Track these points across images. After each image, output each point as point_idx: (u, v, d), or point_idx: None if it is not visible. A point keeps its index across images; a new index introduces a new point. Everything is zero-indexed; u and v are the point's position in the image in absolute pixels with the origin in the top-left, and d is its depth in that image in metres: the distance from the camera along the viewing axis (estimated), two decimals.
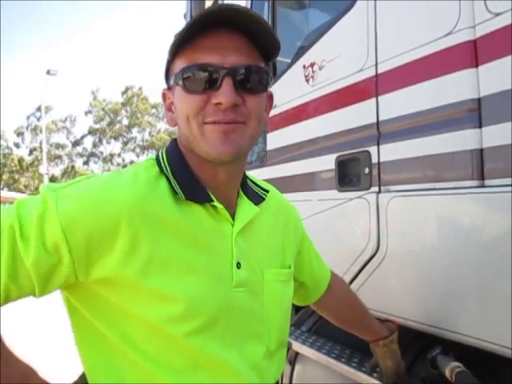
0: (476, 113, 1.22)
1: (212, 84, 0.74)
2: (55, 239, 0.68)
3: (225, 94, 0.73)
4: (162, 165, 0.80)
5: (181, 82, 0.76)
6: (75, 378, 0.87)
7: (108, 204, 0.71)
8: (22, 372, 0.74)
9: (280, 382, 1.94)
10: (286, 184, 2.02)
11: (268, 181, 2.21)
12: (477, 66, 1.22)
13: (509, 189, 1.12)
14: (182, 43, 0.74)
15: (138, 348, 0.74)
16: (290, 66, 2.05)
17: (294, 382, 1.94)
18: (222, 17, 0.72)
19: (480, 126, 1.21)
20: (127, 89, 34.33)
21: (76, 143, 35.73)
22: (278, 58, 2.23)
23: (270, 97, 0.88)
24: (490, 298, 1.17)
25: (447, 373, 1.23)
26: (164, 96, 0.86)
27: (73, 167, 34.93)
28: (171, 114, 0.84)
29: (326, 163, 1.74)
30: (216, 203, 0.80)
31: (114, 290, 0.73)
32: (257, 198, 0.91)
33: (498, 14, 1.17)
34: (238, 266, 0.81)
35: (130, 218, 0.71)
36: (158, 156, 0.83)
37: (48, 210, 0.68)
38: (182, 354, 0.75)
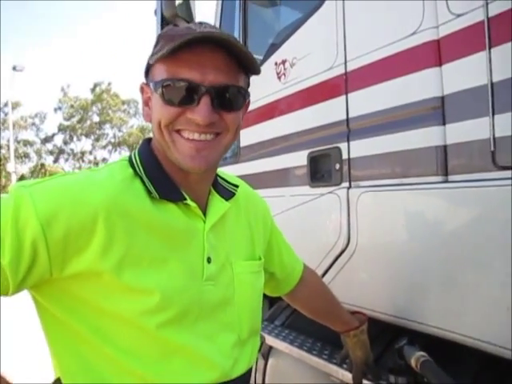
0: (440, 110, 1.26)
1: (190, 100, 0.76)
2: (33, 235, 0.67)
3: (202, 113, 0.76)
4: (136, 167, 0.82)
5: (159, 91, 0.77)
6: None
7: (86, 201, 0.72)
8: None
9: (254, 372, 1.98)
10: (260, 180, 2.04)
11: (242, 177, 2.22)
12: (440, 64, 1.27)
13: (470, 184, 1.17)
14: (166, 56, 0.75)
15: (111, 341, 0.75)
16: (262, 62, 2.06)
17: (267, 375, 1.96)
18: (208, 37, 0.74)
19: (444, 124, 1.26)
20: (95, 85, 33.67)
21: (46, 140, 34.86)
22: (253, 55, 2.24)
23: (247, 104, 0.90)
24: (453, 290, 1.22)
25: (413, 362, 1.27)
26: (142, 90, 0.87)
27: (42, 165, 34.05)
28: (148, 110, 0.85)
29: (299, 159, 1.77)
30: (189, 202, 0.82)
31: (88, 285, 0.73)
32: (227, 194, 0.93)
33: (459, 15, 1.22)
34: (209, 260, 0.84)
35: (107, 216, 0.72)
36: (130, 158, 0.84)
37: (23, 207, 0.68)
38: (154, 344, 0.76)
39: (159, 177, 0.82)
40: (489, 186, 1.13)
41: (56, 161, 35.27)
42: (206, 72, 0.76)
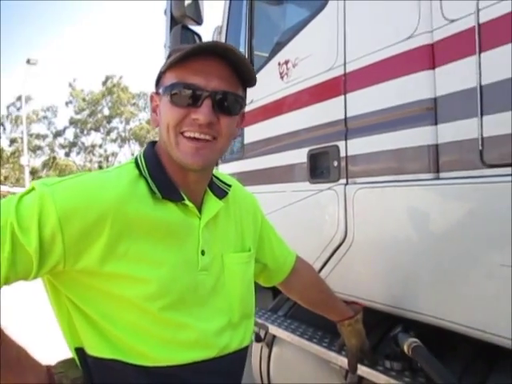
0: (432, 111, 1.32)
1: (194, 102, 0.86)
2: (52, 230, 0.77)
3: (203, 112, 0.86)
4: (141, 168, 0.92)
5: (168, 95, 0.88)
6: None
7: (98, 202, 0.81)
8: (17, 354, 0.83)
9: (259, 359, 2.07)
10: (263, 176, 2.11)
11: (246, 173, 2.31)
12: (434, 67, 1.33)
13: (460, 181, 1.24)
14: (176, 62, 0.86)
15: (118, 324, 0.85)
16: (266, 62, 2.13)
17: (271, 362, 2.06)
18: (212, 47, 0.86)
19: (436, 123, 1.32)
20: (107, 78, 33.86)
21: (58, 134, 35.21)
22: (257, 53, 2.31)
23: (243, 115, 1.02)
24: (444, 280, 1.29)
25: (405, 348, 1.34)
26: (151, 98, 0.98)
27: (54, 158, 34.43)
28: (155, 116, 0.96)
29: (299, 156, 1.84)
30: (187, 202, 0.92)
31: (95, 276, 0.84)
32: (221, 193, 1.03)
33: (452, 21, 1.27)
34: (203, 253, 0.94)
35: (115, 216, 0.82)
36: (136, 160, 0.94)
37: (45, 204, 0.78)
38: (157, 324, 0.86)
39: (162, 178, 0.91)
40: (477, 182, 1.19)
41: (68, 154, 35.65)
42: (209, 79, 0.87)
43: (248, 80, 0.93)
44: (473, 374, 1.35)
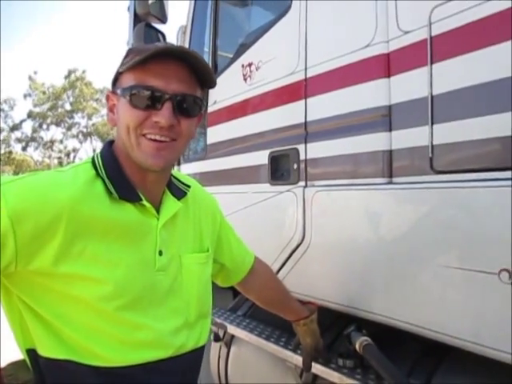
0: (387, 118, 1.38)
1: (154, 104, 0.87)
2: (4, 230, 0.75)
3: (164, 115, 0.86)
4: (98, 168, 0.91)
5: (128, 97, 0.87)
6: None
7: (52, 202, 0.80)
8: None
9: (217, 358, 2.08)
10: (225, 176, 2.13)
11: (209, 173, 2.31)
12: (389, 76, 1.38)
13: (410, 186, 1.30)
14: (136, 64, 0.85)
15: (72, 325, 0.84)
16: (230, 63, 2.14)
17: (230, 361, 2.07)
18: (171, 50, 0.86)
19: (390, 130, 1.37)
20: (70, 72, 32.88)
21: (14, 127, 33.85)
22: (221, 53, 2.33)
23: (200, 116, 1.01)
24: (395, 281, 1.34)
25: (357, 346, 1.39)
26: (108, 97, 0.97)
27: (10, 153, 33.11)
28: (112, 115, 0.96)
29: (260, 158, 1.86)
30: (144, 202, 0.92)
31: (50, 277, 0.82)
32: (179, 193, 1.04)
33: (406, 32, 1.33)
34: (160, 253, 0.94)
35: (69, 216, 0.81)
36: (93, 159, 0.93)
37: None
38: (112, 324, 0.86)
39: (119, 178, 0.91)
40: (427, 188, 1.25)
41: (25, 149, 34.35)
42: (169, 82, 0.87)
43: (207, 82, 0.95)
44: (420, 371, 1.41)
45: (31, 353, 0.88)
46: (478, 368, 1.23)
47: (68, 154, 35.11)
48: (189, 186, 1.08)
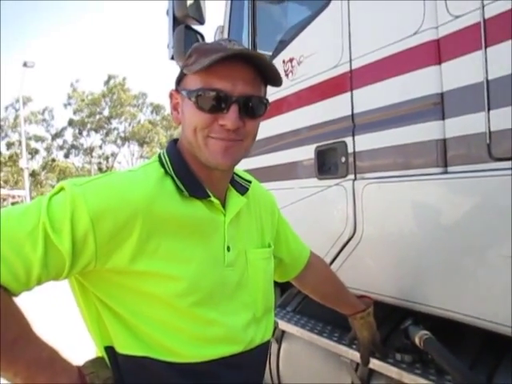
0: (439, 106, 1.34)
1: (221, 107, 0.88)
2: (85, 230, 0.78)
3: (230, 118, 0.87)
4: (166, 167, 0.93)
5: (194, 99, 0.88)
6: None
7: (128, 201, 0.83)
8: (49, 355, 0.83)
9: (269, 355, 2.09)
10: (270, 173, 2.13)
11: (253, 170, 2.32)
12: (440, 63, 1.35)
13: (468, 174, 1.26)
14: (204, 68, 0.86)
15: (147, 321, 0.86)
16: (270, 60, 2.14)
17: (281, 357, 2.08)
18: (240, 53, 0.86)
19: (443, 118, 1.34)
20: (110, 78, 33.80)
21: (56, 135, 35.18)
22: (260, 51, 2.33)
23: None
24: (453, 273, 1.31)
25: (417, 340, 1.37)
26: (171, 96, 0.98)
27: (53, 160, 34.42)
28: (176, 114, 0.97)
29: (307, 153, 1.86)
30: (212, 199, 0.94)
31: (125, 275, 0.85)
32: (242, 189, 1.05)
33: (457, 17, 1.29)
34: (228, 249, 0.96)
35: (145, 215, 0.83)
36: (160, 158, 0.95)
37: (78, 204, 0.79)
38: (187, 320, 0.88)
39: (187, 176, 0.92)
40: (485, 176, 1.21)
41: (67, 156, 35.63)
42: (235, 84, 0.87)
43: (273, 80, 0.94)
44: (482, 365, 1.37)
45: (109, 350, 0.90)
46: None
47: (107, 159, 36.16)
48: (250, 182, 1.09)
